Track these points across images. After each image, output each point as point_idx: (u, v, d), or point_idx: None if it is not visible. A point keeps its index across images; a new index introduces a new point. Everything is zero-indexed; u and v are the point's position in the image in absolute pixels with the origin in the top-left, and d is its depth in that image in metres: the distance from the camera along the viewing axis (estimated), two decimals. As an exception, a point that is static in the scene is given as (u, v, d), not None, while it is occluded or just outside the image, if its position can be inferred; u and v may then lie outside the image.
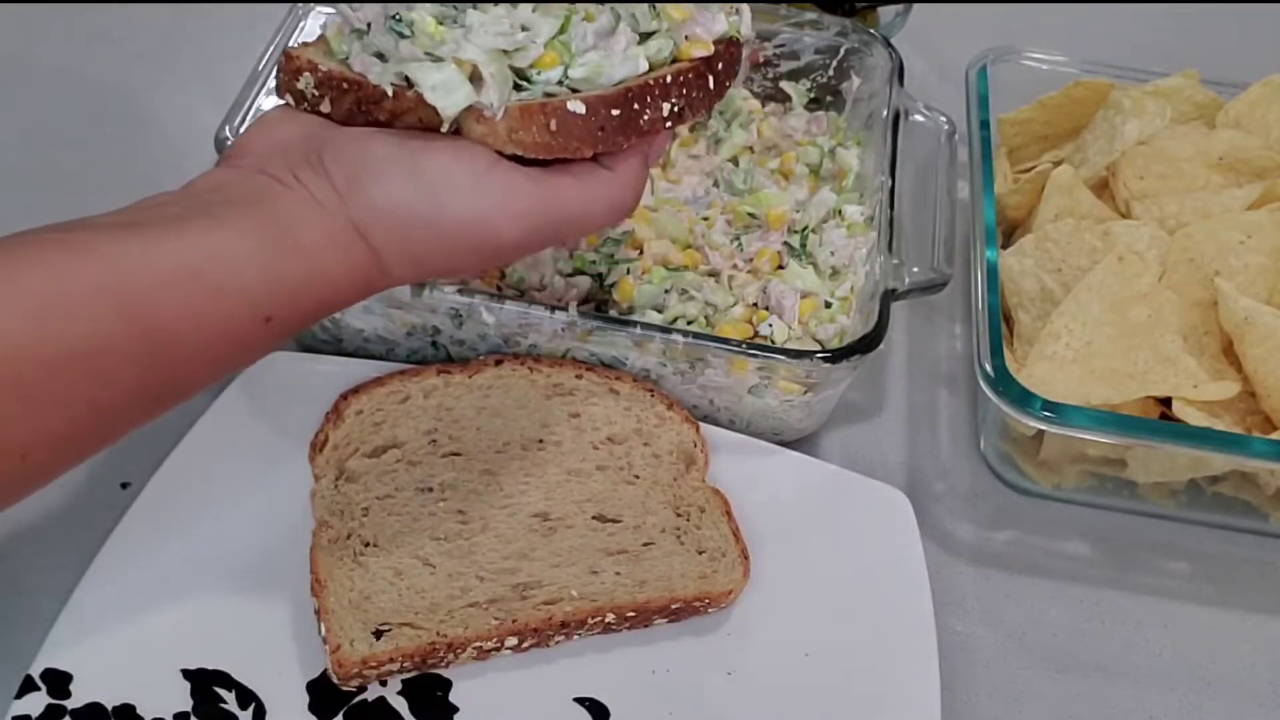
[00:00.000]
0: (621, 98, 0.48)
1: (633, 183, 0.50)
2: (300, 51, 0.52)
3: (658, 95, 0.50)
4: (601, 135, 0.48)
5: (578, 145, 0.48)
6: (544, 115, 0.47)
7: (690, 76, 0.51)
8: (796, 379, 0.62)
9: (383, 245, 0.46)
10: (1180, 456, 0.62)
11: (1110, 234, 0.66)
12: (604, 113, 0.48)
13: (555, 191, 0.48)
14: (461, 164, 0.46)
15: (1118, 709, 0.60)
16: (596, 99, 0.48)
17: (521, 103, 0.47)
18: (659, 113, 0.50)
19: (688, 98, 0.51)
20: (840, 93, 0.80)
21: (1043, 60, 0.80)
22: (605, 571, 0.57)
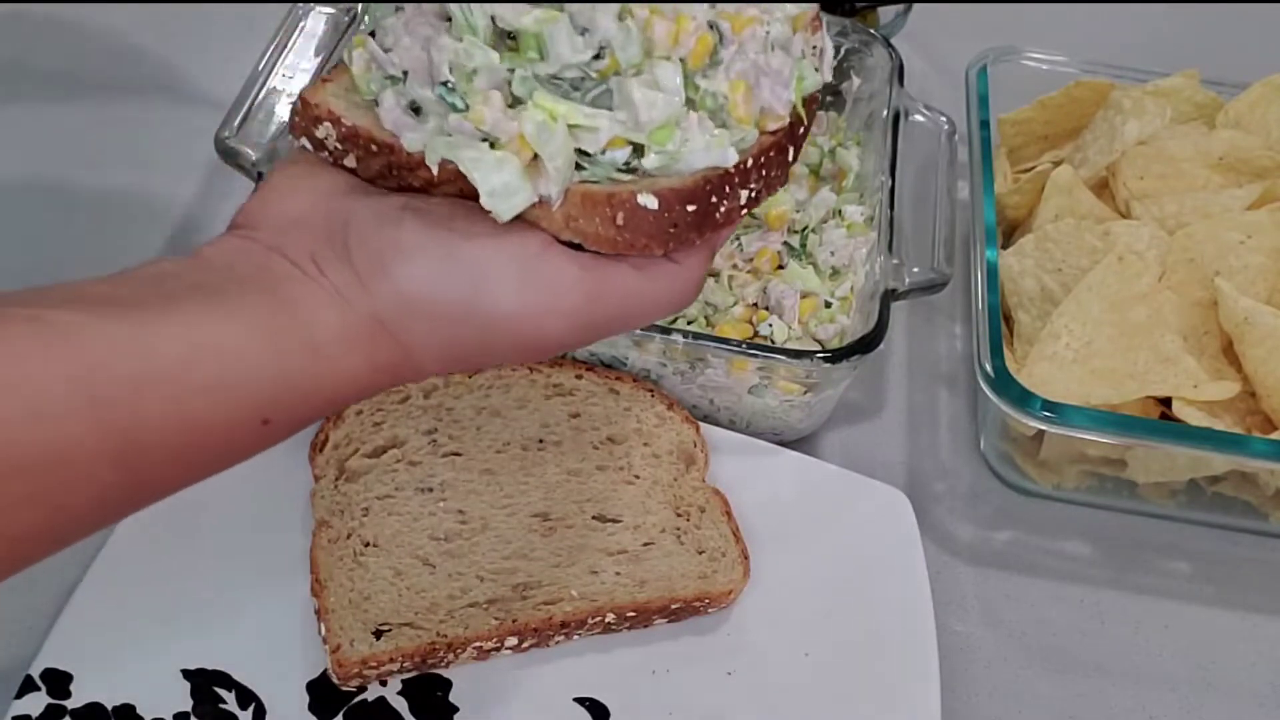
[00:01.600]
0: (699, 191, 0.41)
1: (697, 276, 0.44)
2: (319, 96, 0.43)
3: (737, 184, 0.43)
4: (674, 233, 0.41)
5: (646, 243, 0.41)
6: (609, 207, 0.40)
7: (772, 155, 0.44)
8: (796, 379, 0.62)
9: (412, 341, 0.40)
10: (1180, 456, 0.62)
11: (1110, 234, 0.66)
12: (679, 209, 0.41)
13: (610, 286, 0.42)
14: (505, 253, 0.40)
15: (1118, 709, 0.60)
16: (671, 193, 0.40)
17: (584, 188, 0.40)
18: (736, 202, 0.43)
19: (767, 178, 0.44)
20: (840, 93, 0.80)
21: (1043, 60, 0.80)
22: (605, 571, 0.57)
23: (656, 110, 0.40)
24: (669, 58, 0.41)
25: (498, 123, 0.39)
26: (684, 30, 0.41)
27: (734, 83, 0.42)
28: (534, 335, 0.41)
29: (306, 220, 0.42)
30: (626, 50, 0.40)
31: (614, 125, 0.40)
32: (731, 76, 0.42)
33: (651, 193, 0.40)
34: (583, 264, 0.41)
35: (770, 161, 0.44)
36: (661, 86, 0.40)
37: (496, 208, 0.40)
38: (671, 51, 0.41)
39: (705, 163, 0.41)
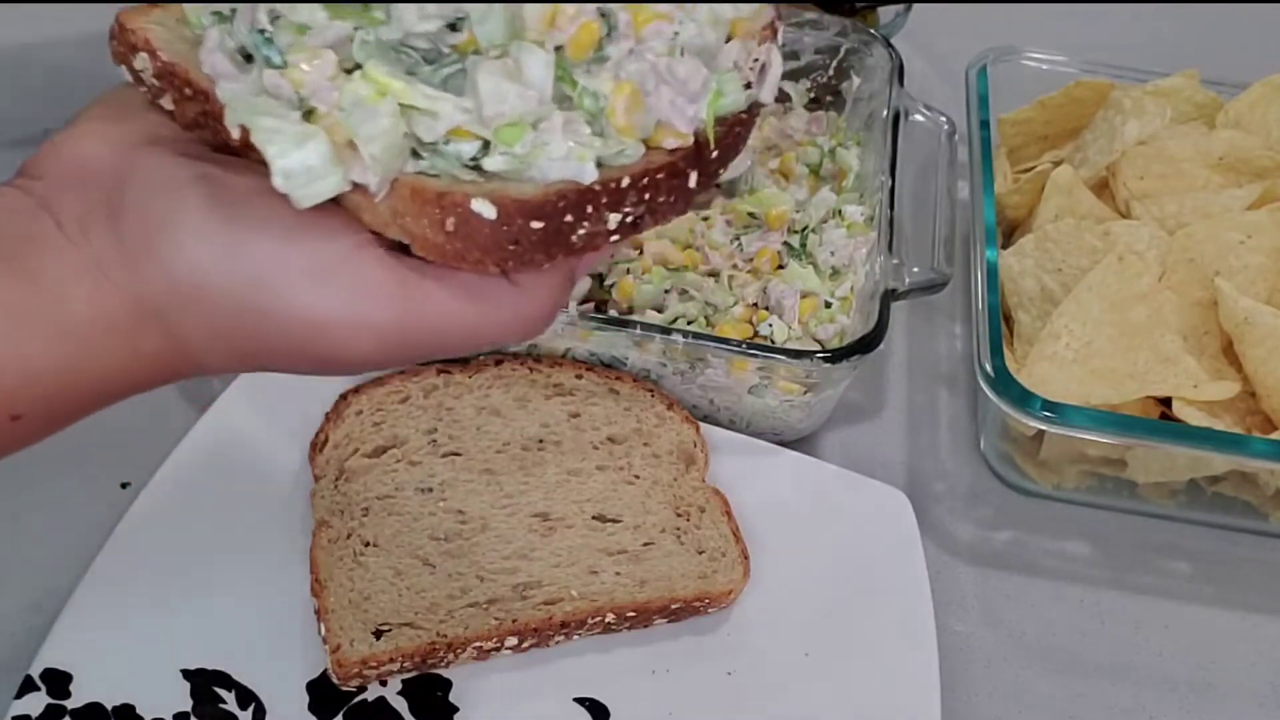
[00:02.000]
0: (549, 206, 0.35)
1: (543, 305, 0.37)
2: (138, 21, 0.37)
3: (605, 204, 0.36)
4: (514, 250, 0.35)
5: (480, 257, 0.35)
6: (439, 209, 0.34)
7: (661, 177, 0.37)
8: (796, 379, 0.62)
9: (185, 333, 0.35)
10: (1180, 456, 0.62)
11: (1110, 234, 0.66)
12: (520, 223, 0.34)
13: (430, 306, 0.35)
14: (301, 249, 0.34)
15: (1118, 709, 0.60)
16: (514, 204, 0.34)
17: (417, 181, 0.34)
18: (602, 226, 0.36)
19: (651, 204, 0.37)
20: (840, 92, 0.80)
21: (1043, 60, 0.80)
22: (605, 571, 0.57)
23: (507, 104, 0.34)
24: (541, 43, 0.35)
25: (319, 89, 0.34)
26: (562, 13, 0.35)
27: (619, 85, 0.36)
28: (331, 349, 0.35)
29: (92, 173, 0.36)
30: (486, 25, 0.35)
31: (458, 113, 0.34)
32: (620, 77, 0.36)
33: (490, 199, 0.34)
34: (401, 275, 0.35)
35: (658, 185, 0.37)
36: (523, 76, 0.34)
37: (293, 192, 0.33)
38: (545, 36, 0.35)
39: (560, 174, 0.35)
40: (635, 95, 0.36)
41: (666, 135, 0.37)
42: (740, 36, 0.38)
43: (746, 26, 0.39)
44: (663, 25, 0.36)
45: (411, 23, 0.34)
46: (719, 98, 0.38)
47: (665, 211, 0.38)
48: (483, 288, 0.36)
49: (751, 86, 0.39)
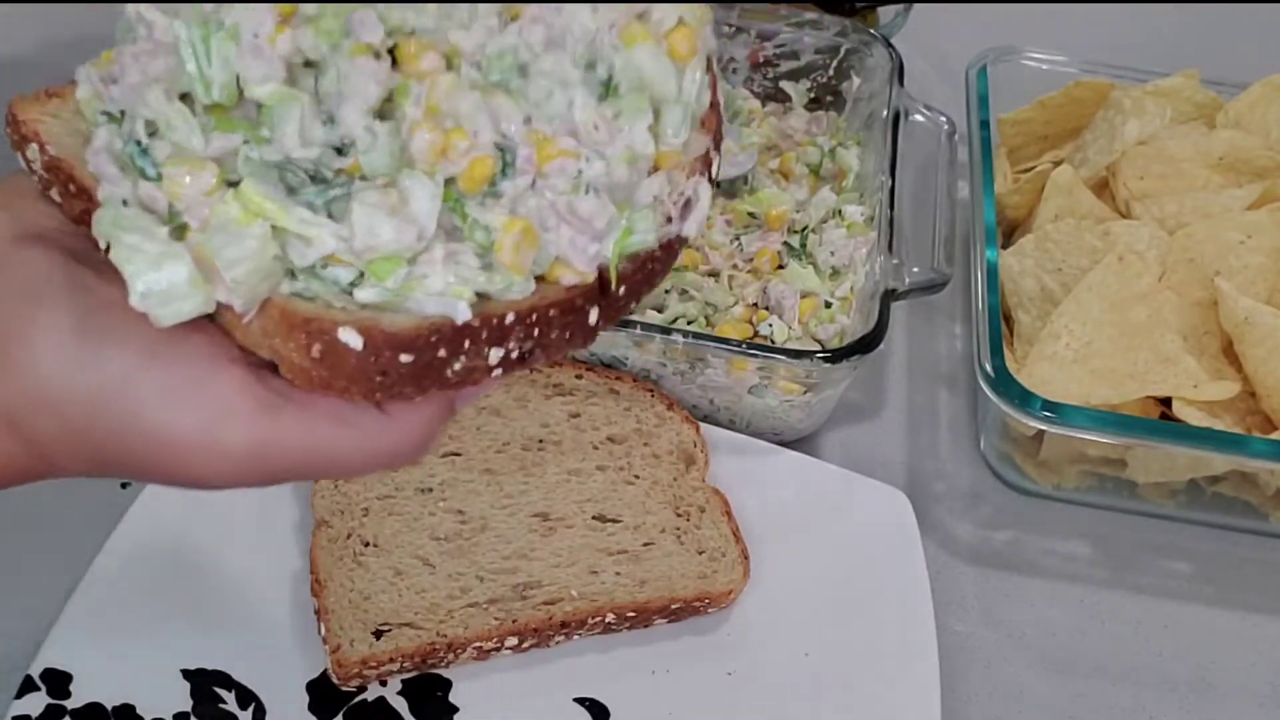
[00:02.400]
0: (420, 340, 0.33)
1: (416, 436, 0.36)
2: (31, 111, 0.37)
3: (485, 339, 0.34)
4: (381, 382, 0.33)
5: (345, 385, 0.33)
6: (306, 334, 0.33)
7: (554, 314, 0.35)
8: (796, 379, 0.62)
9: (43, 438, 0.34)
10: (1180, 456, 0.62)
11: (1110, 234, 0.66)
12: (389, 355, 0.33)
13: (291, 432, 0.34)
14: (159, 363, 0.33)
15: (1118, 709, 0.60)
16: (381, 335, 0.32)
17: (288, 303, 0.33)
18: (482, 361, 0.34)
19: (542, 339, 0.35)
20: (840, 93, 0.80)
21: (1043, 60, 0.80)
22: (605, 571, 0.57)
23: (380, 238, 0.33)
24: (431, 174, 0.34)
25: (193, 205, 0.32)
26: (453, 147, 0.34)
27: (509, 221, 0.34)
28: (185, 469, 0.34)
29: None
30: (370, 155, 0.34)
31: (332, 240, 0.33)
32: (517, 212, 0.35)
33: (357, 329, 0.32)
34: (261, 398, 0.34)
35: (549, 321, 0.35)
36: (408, 207, 0.33)
37: (151, 311, 0.32)
38: (435, 168, 0.34)
39: (435, 309, 0.33)
40: (528, 232, 0.34)
41: (565, 272, 0.35)
42: (666, 168, 0.37)
43: (673, 160, 0.37)
44: (567, 162, 0.35)
45: (292, 147, 0.33)
46: (628, 235, 0.36)
47: (561, 346, 0.36)
48: (349, 415, 0.35)
49: (672, 221, 0.37)
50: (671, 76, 0.37)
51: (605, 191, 0.35)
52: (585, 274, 0.35)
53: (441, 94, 0.34)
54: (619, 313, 0.37)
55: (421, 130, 0.34)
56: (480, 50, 0.35)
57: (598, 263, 0.35)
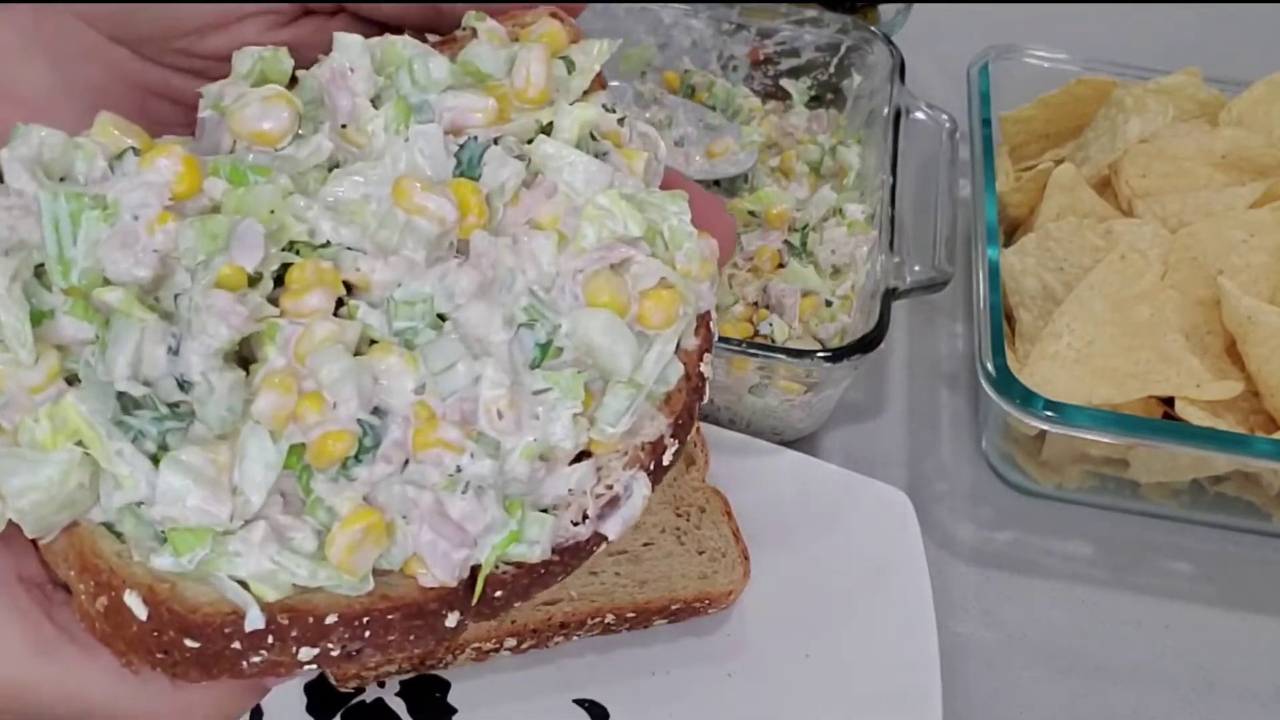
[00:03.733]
0: (210, 629, 0.28)
1: (209, 713, 0.32)
2: None
3: (294, 638, 0.29)
4: (163, 660, 0.28)
5: (124, 650, 0.29)
6: (95, 583, 0.29)
7: (392, 619, 0.29)
8: (797, 378, 0.62)
9: None
10: (1183, 456, 0.62)
11: (1112, 232, 0.66)
12: (173, 635, 0.28)
13: (63, 679, 0.30)
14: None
15: (1119, 709, 0.60)
16: (168, 611, 0.28)
17: (92, 536, 0.29)
18: (287, 657, 0.29)
19: (376, 640, 0.29)
20: (841, 90, 0.80)
21: (1045, 58, 0.80)
22: (605, 572, 0.57)
23: (184, 507, 0.28)
24: (275, 437, 0.29)
25: (13, 401, 0.28)
26: (304, 416, 0.29)
27: (354, 512, 0.29)
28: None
29: None
30: (205, 408, 0.29)
31: (145, 488, 0.28)
32: (376, 498, 0.29)
33: (143, 597, 0.28)
34: (36, 632, 0.29)
35: (387, 625, 0.29)
36: (238, 471, 0.28)
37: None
38: (281, 432, 0.29)
39: (233, 597, 0.28)
40: (374, 529, 0.29)
41: (421, 571, 0.30)
42: (599, 454, 0.32)
43: (607, 448, 0.32)
44: (444, 454, 0.29)
45: (118, 376, 0.28)
46: (511, 542, 0.30)
47: (402, 647, 0.30)
48: (131, 678, 0.30)
49: (586, 520, 0.32)
50: (628, 354, 0.31)
51: (493, 490, 0.30)
52: (444, 581, 0.29)
53: (311, 345, 0.29)
54: (494, 613, 0.31)
55: (270, 390, 0.28)
56: (391, 288, 0.30)
57: (464, 570, 0.30)
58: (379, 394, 0.29)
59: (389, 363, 0.29)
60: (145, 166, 0.29)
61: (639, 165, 0.33)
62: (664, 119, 0.78)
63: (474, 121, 0.32)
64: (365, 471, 0.29)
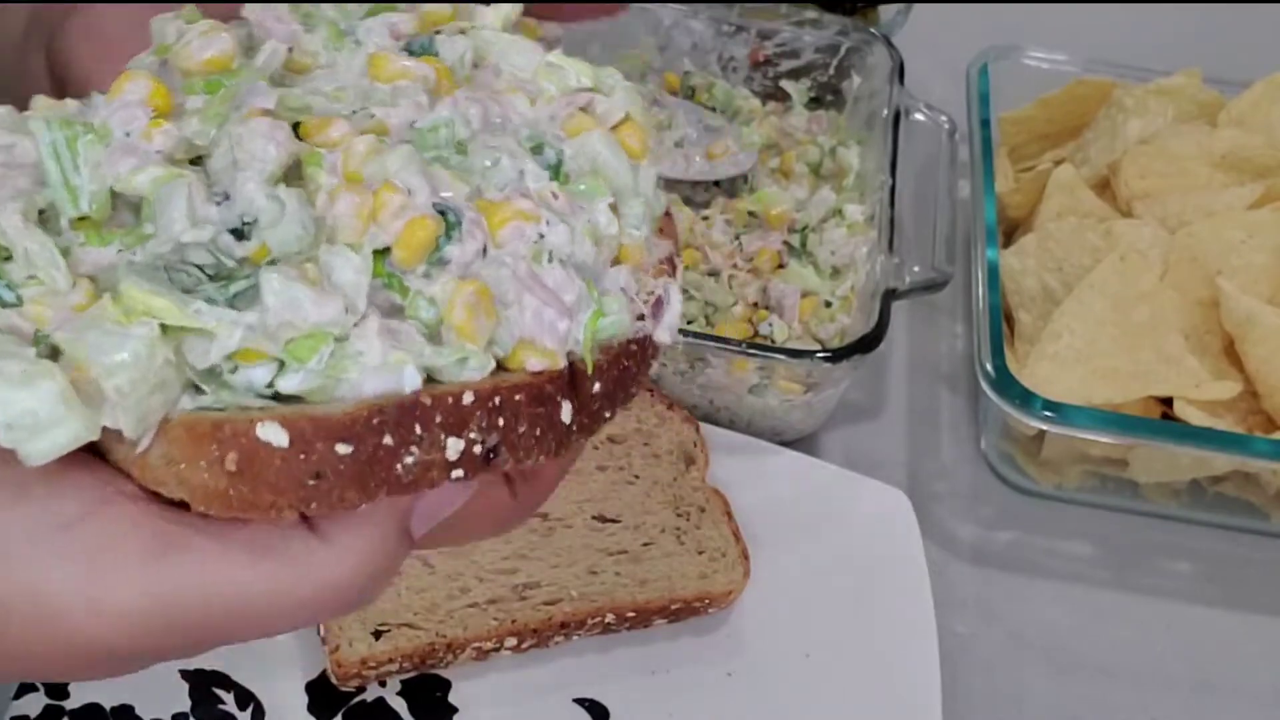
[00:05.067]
0: (359, 425, 0.27)
1: (364, 566, 0.28)
2: None
3: (438, 424, 0.28)
4: (316, 487, 0.27)
5: (272, 499, 0.27)
6: (216, 444, 0.27)
7: (522, 402, 0.29)
8: (797, 379, 0.62)
9: None
10: (1182, 456, 0.62)
11: (1112, 233, 0.66)
12: (322, 449, 0.27)
13: (195, 578, 0.27)
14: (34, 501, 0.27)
15: (1119, 710, 0.60)
16: (309, 423, 0.27)
17: (193, 418, 0.27)
18: (438, 453, 0.28)
19: (508, 432, 0.29)
20: (841, 91, 0.80)
21: (1044, 59, 0.80)
22: (605, 571, 0.57)
23: (300, 312, 0.27)
24: (357, 246, 0.29)
25: (65, 323, 0.27)
26: (384, 207, 0.29)
27: (460, 283, 0.29)
28: (67, 638, 0.27)
29: None
30: (279, 230, 0.28)
31: (239, 330, 0.27)
32: (463, 276, 0.29)
33: (280, 423, 0.27)
34: (160, 536, 0.27)
35: (516, 409, 0.29)
36: (333, 282, 0.28)
37: (19, 447, 0.26)
38: (362, 238, 0.29)
39: (376, 387, 0.28)
40: (484, 294, 0.29)
41: (531, 355, 0.30)
42: (629, 263, 0.32)
43: (637, 256, 0.33)
44: (524, 225, 0.30)
45: (181, 230, 0.28)
46: (600, 316, 0.31)
47: (529, 447, 0.29)
48: (275, 544, 0.28)
49: (644, 320, 0.32)
50: (627, 167, 0.33)
51: (571, 268, 0.31)
52: (555, 356, 0.30)
53: (359, 158, 0.29)
54: (593, 420, 0.32)
55: (344, 193, 0.28)
56: (407, 128, 0.31)
57: (568, 346, 0.30)
58: (439, 188, 0.30)
59: (435, 171, 0.30)
60: (114, 96, 0.30)
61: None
62: (664, 120, 0.78)
63: (406, 29, 0.34)
64: (456, 251, 0.29)
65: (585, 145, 0.32)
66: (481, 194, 0.30)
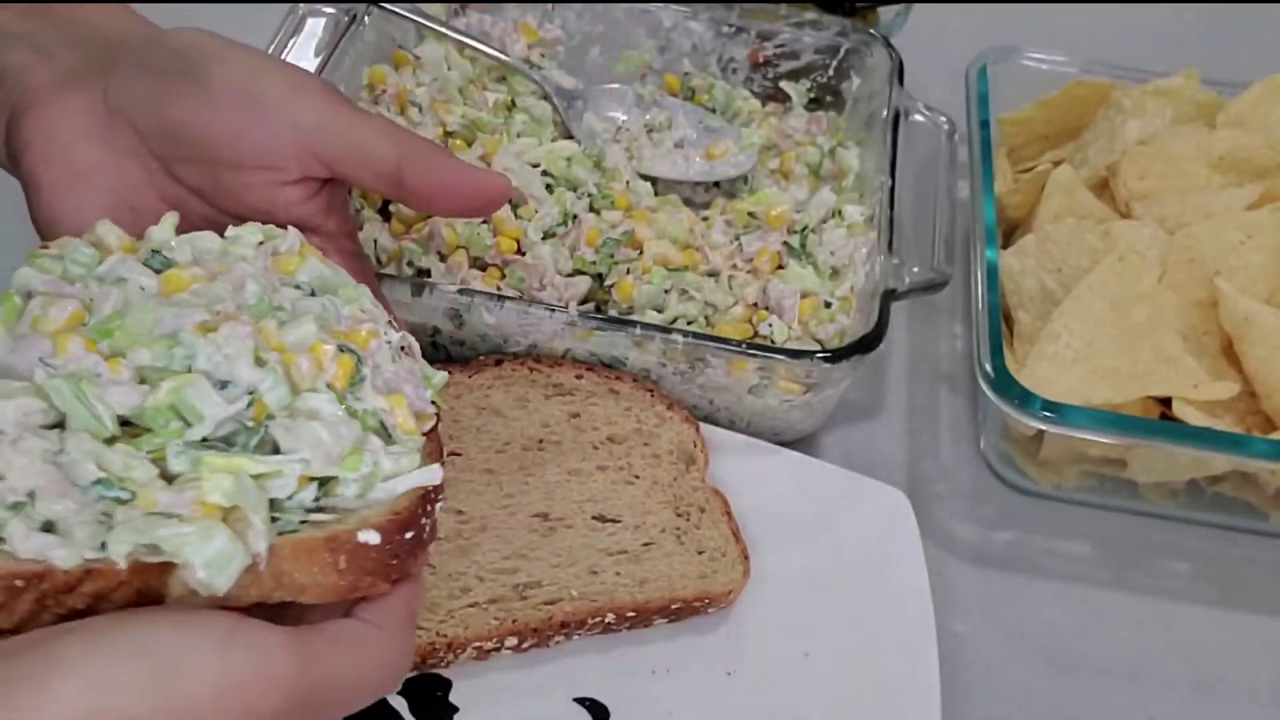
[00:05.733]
0: (414, 514, 0.39)
1: (403, 640, 0.40)
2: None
3: (433, 497, 0.41)
4: (395, 565, 0.39)
5: (371, 582, 0.38)
6: (330, 553, 0.37)
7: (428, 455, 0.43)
8: (796, 379, 0.62)
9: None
10: (1181, 456, 0.62)
11: (1111, 234, 0.66)
12: (399, 539, 0.38)
13: (317, 658, 0.37)
14: (198, 630, 0.35)
15: (1119, 710, 0.60)
16: (390, 523, 0.38)
17: (295, 539, 0.37)
18: (434, 517, 0.41)
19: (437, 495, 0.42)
20: (840, 92, 0.80)
21: (1043, 60, 0.80)
22: (605, 571, 0.57)
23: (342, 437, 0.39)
24: (315, 388, 0.40)
25: (174, 501, 0.36)
26: (323, 354, 0.40)
27: (392, 397, 0.41)
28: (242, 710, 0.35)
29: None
30: (275, 392, 0.39)
31: (298, 465, 0.38)
32: (383, 391, 0.41)
33: (372, 527, 0.38)
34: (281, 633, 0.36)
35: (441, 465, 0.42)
36: (323, 416, 0.39)
37: (214, 581, 0.35)
38: (316, 380, 0.40)
39: (412, 484, 0.40)
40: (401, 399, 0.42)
41: (424, 421, 0.43)
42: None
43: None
44: (377, 342, 0.43)
45: (220, 412, 0.38)
46: (430, 380, 0.45)
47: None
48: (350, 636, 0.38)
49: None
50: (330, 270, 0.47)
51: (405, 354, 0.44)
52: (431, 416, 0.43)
53: (276, 334, 0.40)
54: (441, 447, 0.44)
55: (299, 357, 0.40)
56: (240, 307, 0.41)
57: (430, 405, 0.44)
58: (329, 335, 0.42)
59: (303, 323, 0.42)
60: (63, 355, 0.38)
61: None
62: (664, 121, 0.78)
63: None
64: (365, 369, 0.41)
65: (308, 270, 0.45)
66: (334, 327, 0.42)
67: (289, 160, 0.47)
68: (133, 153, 0.47)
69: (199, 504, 0.36)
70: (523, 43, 0.80)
